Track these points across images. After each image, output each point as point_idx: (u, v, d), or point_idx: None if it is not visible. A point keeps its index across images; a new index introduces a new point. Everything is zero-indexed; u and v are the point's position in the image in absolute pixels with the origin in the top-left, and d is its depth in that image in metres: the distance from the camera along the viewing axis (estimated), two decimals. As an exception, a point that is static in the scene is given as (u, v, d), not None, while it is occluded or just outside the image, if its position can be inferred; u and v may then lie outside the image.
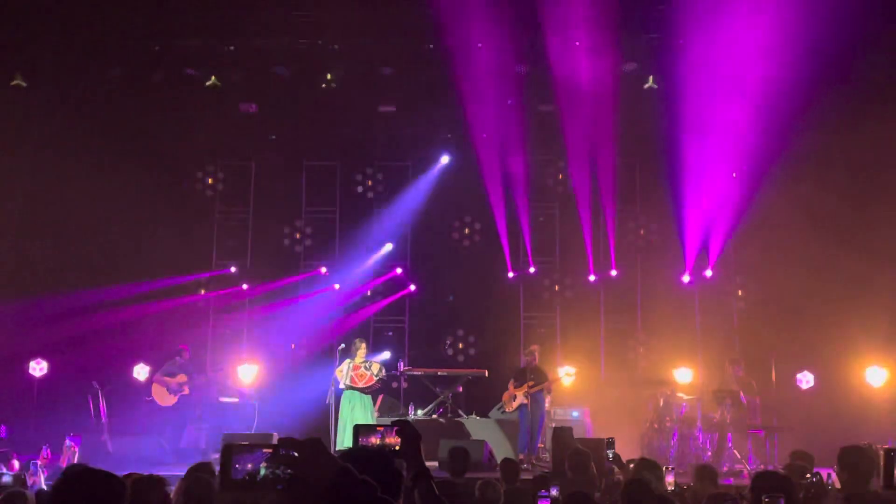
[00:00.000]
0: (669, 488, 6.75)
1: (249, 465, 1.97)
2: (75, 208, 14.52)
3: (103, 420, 13.82)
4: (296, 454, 1.98)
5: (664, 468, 7.03)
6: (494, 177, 16.79)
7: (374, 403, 13.26)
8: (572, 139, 15.70)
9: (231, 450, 1.97)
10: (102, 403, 13.86)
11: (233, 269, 16.73)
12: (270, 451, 1.97)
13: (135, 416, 14.45)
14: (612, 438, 8.32)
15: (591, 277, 16.37)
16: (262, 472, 1.96)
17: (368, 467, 2.20)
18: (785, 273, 14.87)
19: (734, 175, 15.16)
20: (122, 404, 14.39)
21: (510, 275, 16.60)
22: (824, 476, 6.36)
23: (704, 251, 15.75)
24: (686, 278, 15.92)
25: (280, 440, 2.00)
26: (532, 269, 16.64)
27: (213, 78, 14.17)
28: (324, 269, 16.78)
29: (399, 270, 16.75)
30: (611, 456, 7.74)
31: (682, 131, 14.79)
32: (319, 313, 16.94)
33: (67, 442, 9.37)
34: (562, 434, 10.80)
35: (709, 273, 15.92)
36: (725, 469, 11.97)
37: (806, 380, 14.53)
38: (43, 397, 14.72)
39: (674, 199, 15.72)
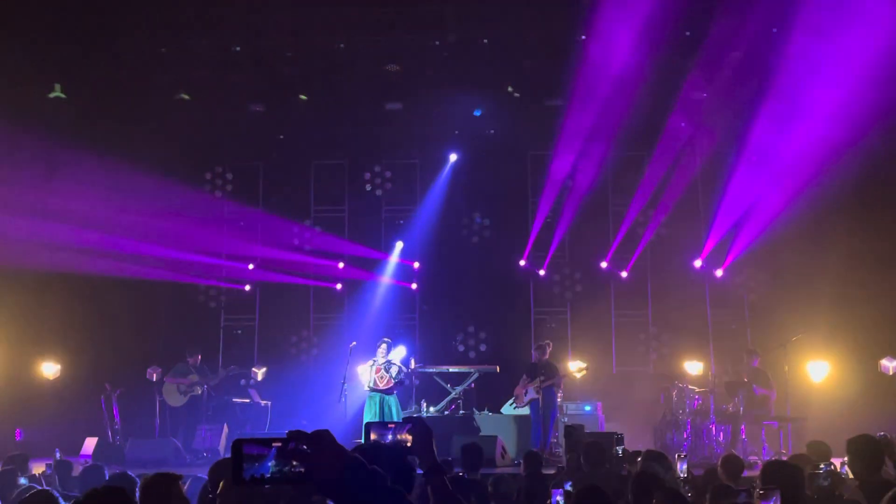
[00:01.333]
0: (682, 475, 6.75)
1: (257, 464, 1.98)
2: (85, 212, 14.57)
3: (116, 422, 13.90)
4: (305, 447, 1.99)
5: (676, 455, 7.03)
6: (504, 173, 16.81)
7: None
8: (583, 133, 15.72)
9: (241, 445, 1.98)
10: (115, 406, 13.94)
11: (251, 266, 16.79)
12: (280, 444, 1.98)
13: (147, 418, 14.53)
14: (620, 434, 8.28)
15: (604, 264, 16.36)
16: (272, 468, 1.97)
17: (380, 462, 2.21)
18: (796, 264, 14.83)
19: None
20: (134, 406, 14.47)
21: (522, 262, 16.61)
22: (837, 466, 6.36)
23: (722, 247, 15.70)
24: (698, 263, 15.90)
25: (289, 433, 2.01)
26: (542, 272, 16.64)
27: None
28: (341, 264, 16.83)
29: (417, 265, 16.79)
30: (620, 452, 7.70)
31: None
32: (329, 311, 17.01)
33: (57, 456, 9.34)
34: (573, 431, 10.80)
35: (719, 273, 15.90)
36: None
37: (819, 370, 14.48)
38: (56, 400, 14.79)
39: (692, 194, 15.79)
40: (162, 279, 15.70)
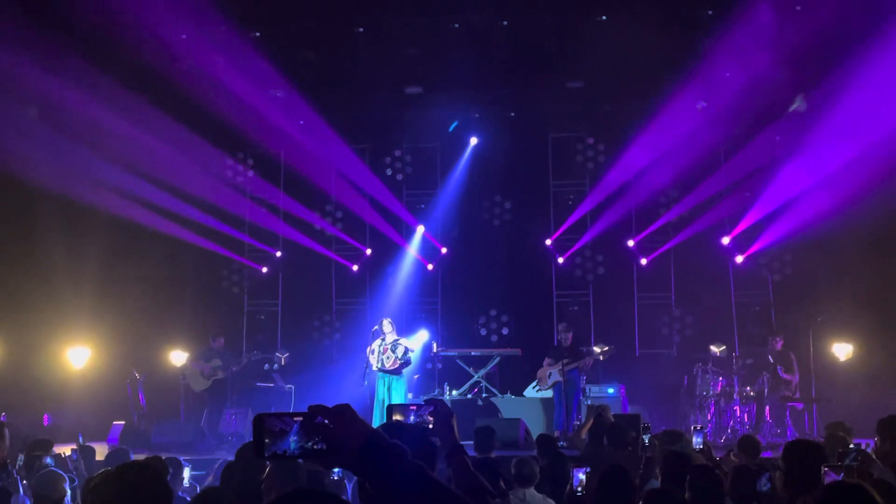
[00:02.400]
0: (698, 448, 6.75)
1: (279, 440, 1.99)
2: (106, 200, 14.66)
3: (143, 407, 14.03)
4: (327, 422, 2.00)
5: (692, 427, 7.03)
6: (524, 155, 16.76)
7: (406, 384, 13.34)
8: (604, 113, 15.65)
9: (262, 421, 2.00)
10: (141, 391, 14.07)
11: (278, 254, 16.90)
12: (301, 419, 1.99)
13: (172, 403, 14.67)
14: (647, 424, 8.21)
15: (630, 242, 16.31)
16: (295, 444, 1.99)
17: (402, 441, 2.22)
18: (820, 244, 14.69)
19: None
20: (159, 391, 14.61)
21: (548, 242, 16.57)
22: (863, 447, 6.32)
23: (751, 233, 15.57)
24: (726, 240, 15.80)
25: (310, 407, 2.02)
26: (561, 260, 16.59)
27: None
28: (369, 251, 16.87)
29: (444, 250, 16.80)
30: (646, 441, 7.64)
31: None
32: (351, 295, 17.06)
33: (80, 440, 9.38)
34: (596, 411, 10.77)
35: (740, 259, 15.80)
36: (764, 443, 11.91)
37: (843, 351, 14.39)
38: (83, 385, 14.94)
39: (718, 175, 15.71)
40: (188, 241, 15.75)
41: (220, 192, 16.37)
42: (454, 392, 14.39)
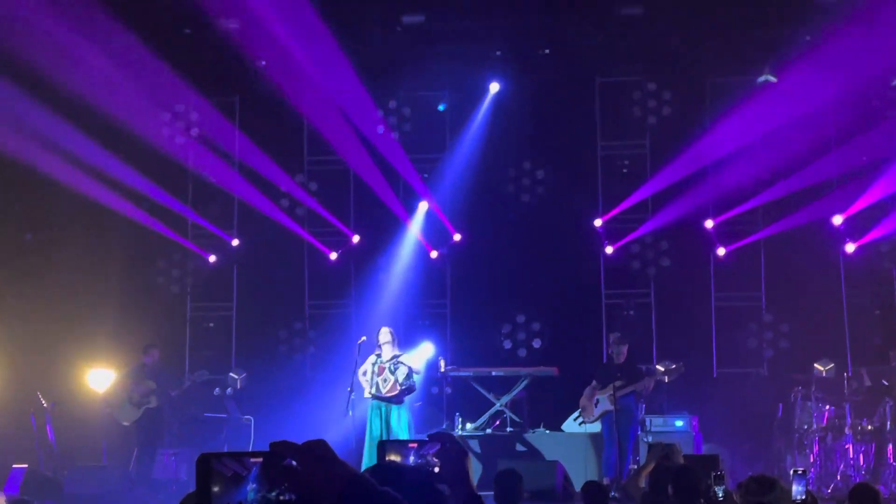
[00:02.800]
0: (799, 498, 6.72)
1: (233, 488, 1.98)
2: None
3: (51, 445, 14.06)
4: (295, 464, 1.99)
5: (792, 472, 7.01)
6: (562, 107, 16.70)
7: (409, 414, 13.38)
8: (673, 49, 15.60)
9: (210, 463, 1.98)
10: (49, 423, 14.10)
11: (235, 242, 16.97)
12: (261, 461, 1.98)
13: (92, 440, 14.69)
14: (722, 471, 8.16)
15: (709, 223, 16.24)
16: (251, 495, 1.97)
17: (399, 487, 2.21)
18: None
19: None
20: (75, 424, 14.64)
21: (596, 223, 16.55)
22: None
23: (871, 214, 15.50)
24: (838, 219, 15.66)
25: (273, 445, 2.00)
26: (611, 249, 16.54)
27: None
28: (356, 238, 16.85)
29: (458, 237, 16.77)
30: (720, 495, 7.59)
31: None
32: (330, 296, 17.07)
33: None
34: (662, 451, 10.77)
35: (851, 248, 15.70)
36: (886, 493, 11.92)
37: None
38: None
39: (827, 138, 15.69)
40: (113, 210, 15.78)
41: (157, 143, 16.28)
42: (468, 425, 14.41)
